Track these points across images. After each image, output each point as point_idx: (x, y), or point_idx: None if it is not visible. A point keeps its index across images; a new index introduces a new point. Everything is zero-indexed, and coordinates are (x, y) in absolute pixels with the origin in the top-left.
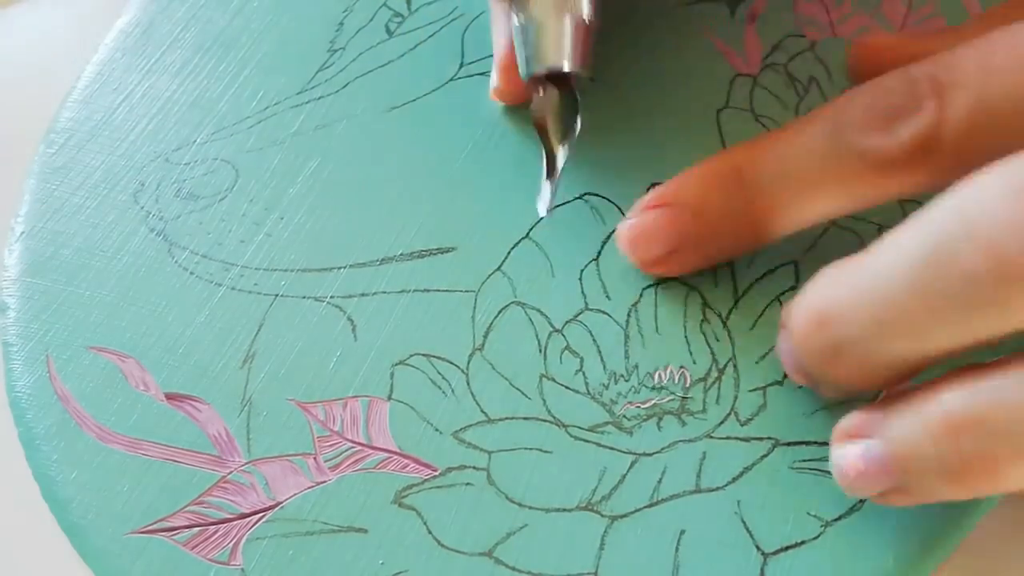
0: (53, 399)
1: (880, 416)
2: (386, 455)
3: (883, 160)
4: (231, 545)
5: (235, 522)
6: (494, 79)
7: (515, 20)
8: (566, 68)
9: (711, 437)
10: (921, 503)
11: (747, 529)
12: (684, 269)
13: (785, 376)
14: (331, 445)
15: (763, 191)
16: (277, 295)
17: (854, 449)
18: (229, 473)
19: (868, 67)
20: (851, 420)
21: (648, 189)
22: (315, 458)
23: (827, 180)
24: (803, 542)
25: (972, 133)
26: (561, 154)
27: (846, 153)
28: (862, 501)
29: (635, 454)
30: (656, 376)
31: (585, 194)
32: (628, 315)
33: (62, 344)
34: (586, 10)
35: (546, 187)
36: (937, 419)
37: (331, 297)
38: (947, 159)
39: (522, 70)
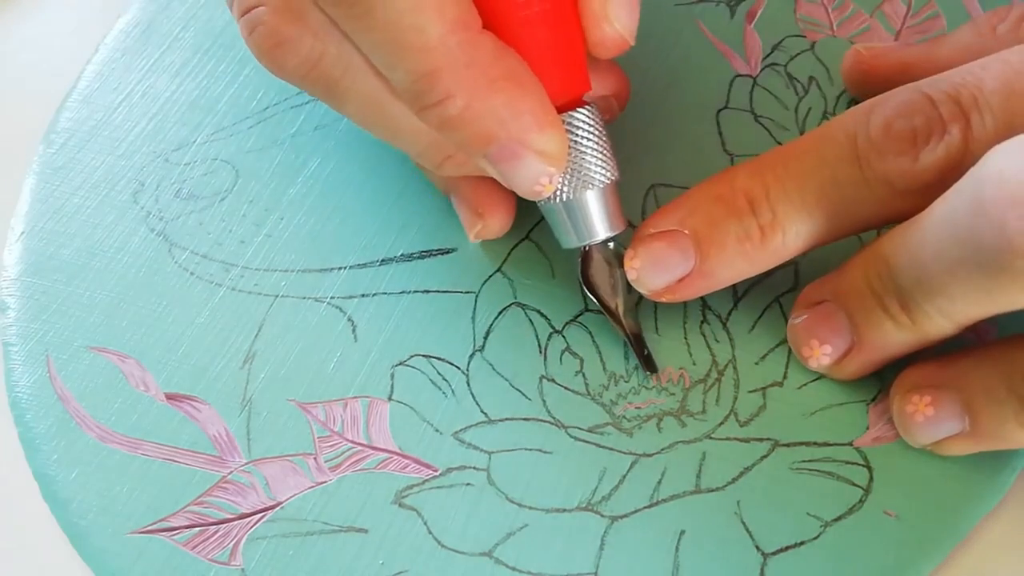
0: (53, 399)
1: (946, 367)
2: (386, 455)
3: (908, 187)
4: (231, 545)
5: (235, 522)
6: (476, 227)
7: (541, 200)
8: (608, 235)
9: (711, 438)
10: (989, 448)
11: (747, 529)
12: (692, 296)
13: (785, 377)
14: (331, 445)
15: (777, 219)
16: (277, 296)
17: (922, 397)
18: (229, 473)
19: (861, 74)
20: (916, 372)
21: (648, 190)
22: (315, 458)
23: (847, 207)
24: (803, 542)
25: None
26: (620, 307)
27: (872, 179)
28: (861, 501)
29: (635, 455)
30: (656, 377)
31: None
32: None
33: (62, 344)
34: (609, 175)
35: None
36: (1010, 364)
37: (331, 298)
38: None
39: (564, 242)
